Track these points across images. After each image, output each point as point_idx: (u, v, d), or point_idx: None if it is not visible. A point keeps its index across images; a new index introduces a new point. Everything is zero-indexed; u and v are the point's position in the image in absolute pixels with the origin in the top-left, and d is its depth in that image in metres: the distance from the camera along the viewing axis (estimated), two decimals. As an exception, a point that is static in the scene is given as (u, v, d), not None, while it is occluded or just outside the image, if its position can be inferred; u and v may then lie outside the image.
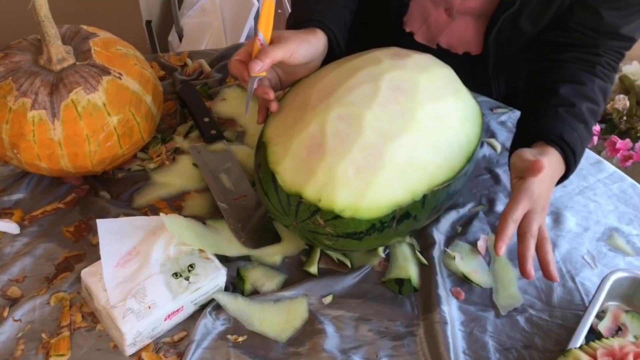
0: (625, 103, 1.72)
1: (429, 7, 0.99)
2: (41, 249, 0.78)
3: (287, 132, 0.72)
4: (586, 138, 0.83)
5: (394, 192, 0.69)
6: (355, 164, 0.68)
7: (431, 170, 0.72)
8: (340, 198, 0.68)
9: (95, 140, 0.77)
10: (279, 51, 0.75)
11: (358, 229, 0.70)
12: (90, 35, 0.82)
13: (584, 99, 0.84)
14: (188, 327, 0.72)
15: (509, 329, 0.75)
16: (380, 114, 0.70)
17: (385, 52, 0.79)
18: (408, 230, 0.74)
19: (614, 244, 0.86)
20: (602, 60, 0.88)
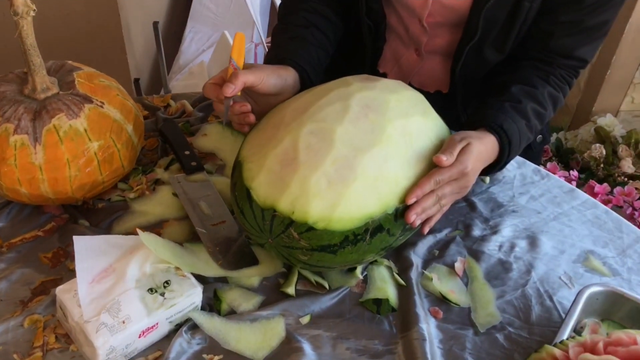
0: (601, 151, 1.77)
1: (400, 48, 1.05)
2: (18, 274, 0.78)
3: (262, 149, 0.74)
4: (525, 133, 0.89)
5: (366, 204, 0.71)
6: (327, 176, 0.70)
7: (402, 184, 0.73)
8: (313, 209, 0.69)
9: (76, 165, 0.79)
10: (250, 76, 0.79)
11: (332, 241, 0.71)
12: (74, 68, 0.86)
13: (532, 100, 0.90)
14: (163, 347, 0.71)
15: (488, 346, 0.75)
16: (350, 129, 0.73)
17: (355, 77, 0.82)
18: (382, 245, 0.75)
19: (590, 265, 0.87)
20: (556, 72, 0.94)
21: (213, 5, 2.46)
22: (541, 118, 0.92)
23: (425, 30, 0.99)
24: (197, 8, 2.46)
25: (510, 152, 0.87)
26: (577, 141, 1.92)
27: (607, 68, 1.92)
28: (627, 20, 1.82)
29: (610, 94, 1.96)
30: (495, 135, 0.85)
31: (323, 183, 0.70)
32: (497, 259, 0.86)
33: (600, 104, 1.97)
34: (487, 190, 0.98)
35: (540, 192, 0.99)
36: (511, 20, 0.92)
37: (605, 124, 1.88)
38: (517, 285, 0.83)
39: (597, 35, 0.94)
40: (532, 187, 1.00)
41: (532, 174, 1.03)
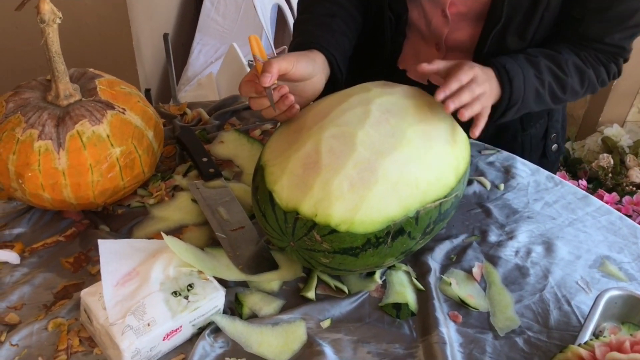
0: (609, 161, 1.78)
1: (420, 45, 1.06)
2: (40, 279, 0.78)
3: (284, 153, 0.75)
4: (532, 82, 0.90)
5: (388, 207, 0.71)
6: (349, 179, 0.71)
7: (423, 187, 0.74)
8: (336, 212, 0.70)
9: (98, 170, 0.80)
10: (283, 62, 0.78)
11: (354, 244, 0.71)
12: (96, 76, 0.87)
13: (550, 60, 0.92)
14: (186, 351, 0.71)
15: (508, 350, 0.75)
16: (371, 132, 0.74)
17: (374, 83, 0.83)
18: (403, 248, 0.76)
19: (607, 270, 0.88)
20: (590, 52, 0.95)
21: (220, 17, 2.49)
22: (560, 82, 0.93)
23: (447, 22, 1.00)
24: (205, 20, 2.49)
25: (512, 93, 0.88)
26: (584, 151, 1.93)
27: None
28: (633, 31, 1.83)
29: (616, 105, 1.98)
30: (494, 70, 0.87)
31: (345, 186, 0.71)
32: (514, 264, 0.87)
33: (606, 115, 1.99)
34: (502, 197, 0.99)
35: (554, 199, 1.00)
36: (534, 6, 0.93)
37: (612, 134, 1.89)
38: (535, 290, 0.83)
39: (629, 23, 0.94)
40: (546, 193, 1.01)
41: (545, 181, 1.03)
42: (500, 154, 1.08)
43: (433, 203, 0.75)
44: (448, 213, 0.80)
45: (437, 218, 0.77)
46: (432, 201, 0.75)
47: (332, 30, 0.94)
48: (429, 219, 0.76)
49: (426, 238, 0.79)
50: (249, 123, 1.10)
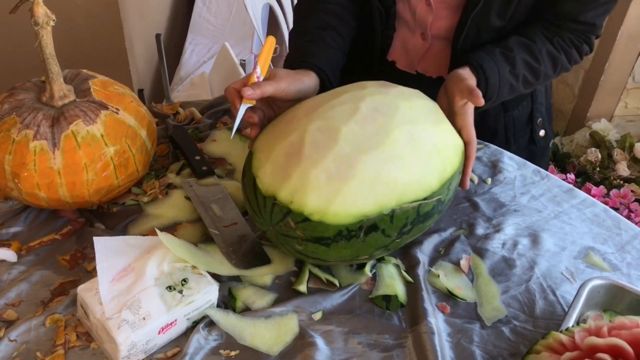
0: (597, 156, 1.81)
1: (407, 35, 1.09)
2: (37, 276, 0.80)
3: (271, 141, 0.78)
4: (507, 79, 0.95)
5: (362, 202, 0.74)
6: (327, 172, 0.73)
7: (400, 188, 0.75)
8: (310, 201, 0.73)
9: (93, 169, 0.82)
10: (269, 87, 0.82)
11: (325, 234, 0.74)
12: (89, 77, 0.88)
13: (525, 51, 0.96)
14: (181, 344, 0.73)
15: (495, 339, 0.77)
16: (356, 129, 0.76)
17: (373, 82, 0.86)
18: (377, 244, 0.77)
19: (591, 261, 0.90)
20: (563, 35, 0.99)
21: (212, 17, 2.50)
22: (534, 71, 0.97)
23: (431, 10, 1.03)
24: (197, 20, 2.50)
25: (487, 90, 0.93)
26: (573, 146, 1.95)
27: (601, 74, 1.96)
28: (619, 27, 1.86)
29: (604, 100, 2.00)
30: (473, 71, 0.92)
31: (322, 178, 0.73)
32: (500, 256, 0.89)
33: (594, 110, 2.01)
34: (489, 190, 1.01)
35: (540, 192, 1.02)
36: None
37: (600, 129, 1.92)
38: (521, 281, 0.85)
39: (601, 0, 0.98)
40: (532, 187, 1.03)
41: (532, 175, 1.06)
42: (488, 149, 1.11)
43: (411, 204, 0.76)
44: (430, 215, 0.80)
45: (416, 219, 0.78)
46: (409, 202, 0.76)
47: (325, 46, 0.97)
48: (406, 219, 0.77)
49: (405, 238, 0.80)
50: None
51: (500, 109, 1.14)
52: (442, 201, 0.81)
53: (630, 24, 1.85)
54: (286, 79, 0.85)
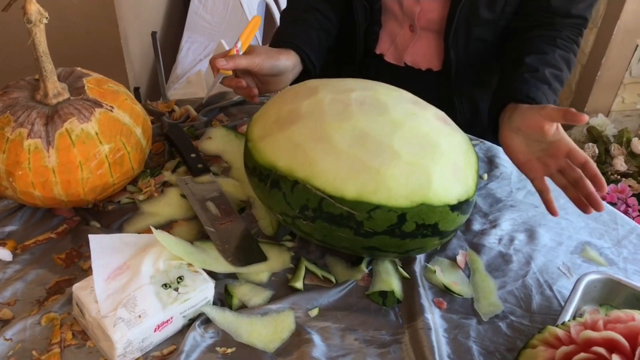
0: (594, 151, 1.81)
1: (395, 28, 1.09)
2: (33, 275, 0.80)
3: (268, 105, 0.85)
4: (550, 96, 0.92)
5: (278, 155, 0.77)
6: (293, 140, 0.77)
7: (320, 170, 0.73)
8: (255, 131, 0.82)
9: (88, 167, 0.81)
10: (243, 60, 0.89)
11: (249, 164, 0.82)
12: (84, 74, 0.88)
13: (546, 65, 0.95)
14: (177, 342, 0.73)
15: (492, 334, 0.77)
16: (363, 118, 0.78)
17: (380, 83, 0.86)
18: (280, 207, 0.78)
19: (587, 255, 0.90)
20: (562, 34, 0.99)
21: (208, 15, 2.49)
22: (560, 80, 0.97)
23: (419, 1, 1.04)
24: (193, 18, 2.49)
25: None
26: (570, 141, 1.95)
27: (598, 69, 1.96)
28: (616, 22, 1.86)
29: (601, 95, 2.00)
30: (524, 104, 0.89)
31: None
32: (497, 252, 0.89)
33: (591, 105, 2.01)
34: (486, 186, 1.01)
35: (537, 187, 1.02)
36: None
37: (597, 124, 1.91)
38: (518, 276, 0.85)
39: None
40: (528, 182, 1.02)
41: (528, 170, 1.05)
42: (484, 145, 1.11)
43: (313, 188, 0.74)
44: (337, 222, 0.74)
45: (319, 212, 0.74)
46: (313, 186, 0.74)
47: (306, 26, 1.02)
48: (306, 201, 0.75)
49: (313, 228, 0.77)
50: (236, 119, 1.12)
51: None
52: (358, 221, 0.73)
53: (627, 19, 1.85)
54: (262, 55, 0.92)
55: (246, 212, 0.92)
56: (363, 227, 0.74)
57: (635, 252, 0.91)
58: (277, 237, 0.88)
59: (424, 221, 0.74)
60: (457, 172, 0.76)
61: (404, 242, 0.76)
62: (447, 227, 0.76)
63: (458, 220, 0.77)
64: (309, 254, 0.86)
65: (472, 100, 1.14)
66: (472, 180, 0.78)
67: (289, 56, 0.96)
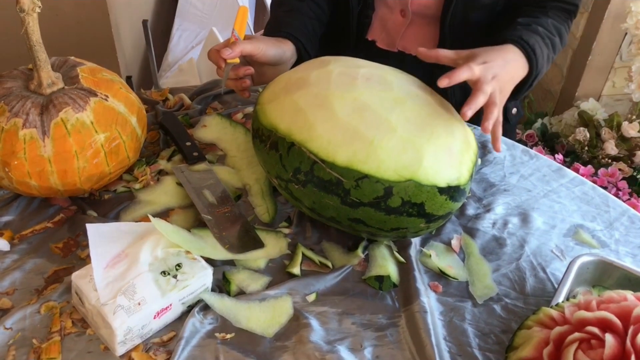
0: (585, 135, 1.82)
1: (386, 13, 1.09)
2: (31, 264, 0.80)
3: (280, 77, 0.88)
4: (544, 48, 0.93)
5: (281, 117, 0.79)
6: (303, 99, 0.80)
7: (318, 135, 0.76)
8: (264, 95, 0.85)
9: (84, 157, 0.81)
10: (248, 45, 0.89)
11: (254, 125, 0.85)
12: (77, 64, 0.88)
13: (539, 25, 0.96)
14: (177, 328, 0.74)
15: (487, 316, 0.78)
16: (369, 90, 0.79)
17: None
18: (277, 170, 0.80)
19: (580, 238, 0.91)
20: (550, 13, 1.00)
21: (199, 2, 2.48)
22: (553, 44, 0.97)
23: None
24: (184, 6, 2.47)
25: (537, 64, 0.92)
26: (561, 126, 1.96)
27: (589, 54, 1.97)
28: (606, 7, 1.86)
29: (592, 79, 2.01)
30: (516, 44, 0.90)
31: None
32: (491, 236, 0.90)
33: (582, 89, 2.02)
34: (480, 171, 1.02)
35: (529, 172, 1.03)
36: None
37: (588, 109, 1.92)
38: (512, 259, 0.87)
39: None
40: (521, 167, 1.04)
41: (521, 155, 1.07)
42: (477, 130, 1.11)
43: (307, 151, 0.76)
44: (326, 188, 0.76)
45: (310, 175, 0.77)
46: (308, 149, 0.76)
47: (301, 15, 1.02)
48: (299, 163, 0.77)
49: (302, 194, 0.79)
50: (231, 107, 1.12)
51: None
52: (345, 189, 0.75)
53: (617, 2, 1.85)
54: (265, 41, 0.92)
55: (242, 199, 0.92)
56: (350, 195, 0.75)
57: (627, 234, 0.92)
58: (274, 224, 0.89)
59: (410, 198, 0.75)
60: (451, 157, 0.77)
61: (389, 218, 0.77)
62: (434, 210, 0.77)
63: (446, 206, 0.78)
64: (305, 240, 0.87)
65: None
66: (467, 169, 0.79)
67: (287, 45, 0.96)
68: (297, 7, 1.04)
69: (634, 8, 1.67)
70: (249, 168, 0.96)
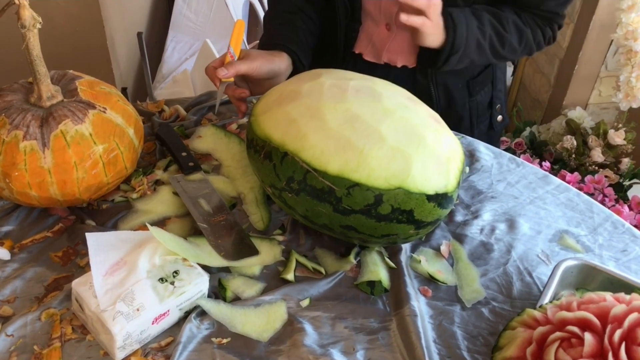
0: (572, 143, 1.86)
1: (372, 27, 1.13)
2: (31, 272, 0.82)
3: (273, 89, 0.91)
4: (474, 32, 0.99)
5: (274, 128, 0.82)
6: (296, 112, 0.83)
7: (311, 144, 0.79)
8: (258, 107, 0.88)
9: (83, 168, 0.84)
10: (243, 65, 0.93)
11: (249, 136, 0.87)
12: (76, 77, 0.90)
13: (492, 15, 1.01)
14: (174, 334, 0.76)
15: (475, 320, 0.81)
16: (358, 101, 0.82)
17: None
18: (270, 179, 0.83)
19: (565, 243, 0.94)
20: (529, 15, 1.05)
21: (193, 14, 2.51)
22: (501, 37, 1.02)
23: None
24: (178, 17, 2.51)
25: (455, 39, 0.98)
26: (549, 134, 2.00)
27: (575, 63, 2.01)
28: (591, 17, 1.91)
29: (579, 88, 2.06)
30: (443, 18, 0.96)
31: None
32: (479, 241, 0.93)
33: (570, 98, 2.07)
34: (467, 179, 1.05)
35: (516, 179, 1.06)
36: None
37: (575, 117, 1.96)
38: (499, 264, 0.89)
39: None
40: (508, 174, 1.07)
41: (508, 163, 1.10)
42: (465, 139, 1.14)
43: (300, 160, 0.78)
44: (319, 196, 0.79)
45: (303, 184, 0.79)
46: (301, 159, 0.78)
47: (295, 28, 1.05)
48: (292, 172, 0.79)
49: (297, 202, 0.81)
50: (225, 118, 1.14)
51: (466, 94, 1.20)
52: (337, 197, 0.77)
53: (603, 13, 1.90)
54: (259, 59, 0.96)
55: (237, 208, 0.95)
56: (341, 203, 0.78)
57: (610, 239, 0.95)
58: (268, 232, 0.91)
59: (399, 206, 0.78)
60: (439, 166, 0.80)
61: (379, 225, 0.79)
62: (423, 217, 0.80)
63: (435, 213, 0.80)
64: (299, 247, 0.89)
65: (446, 92, 1.18)
66: (454, 177, 0.82)
67: (282, 58, 1.00)
68: (290, 20, 1.07)
69: (624, 19, 1.70)
70: (243, 177, 0.99)
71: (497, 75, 1.23)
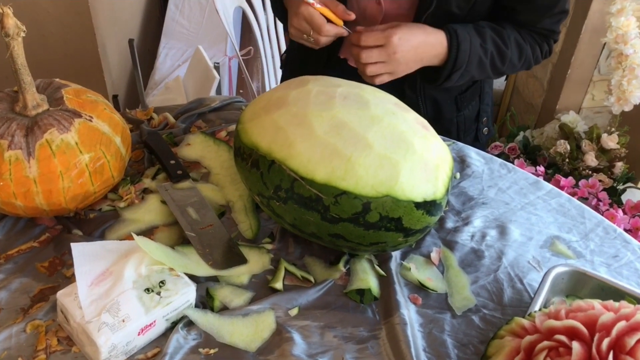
0: (566, 147, 1.86)
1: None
2: (17, 283, 0.81)
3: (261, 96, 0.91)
4: (477, 50, 1.00)
5: (262, 136, 0.81)
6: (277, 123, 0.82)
7: (297, 152, 0.78)
8: (245, 114, 0.87)
9: (69, 177, 0.83)
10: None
11: (236, 144, 0.86)
12: (62, 85, 0.90)
13: (494, 32, 1.02)
14: (161, 344, 0.75)
15: (465, 327, 0.80)
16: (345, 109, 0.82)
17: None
18: (258, 187, 0.82)
19: (557, 249, 0.94)
20: (527, 32, 1.06)
21: (185, 21, 2.51)
22: (502, 54, 1.02)
23: (381, 9, 1.08)
24: (170, 24, 2.50)
25: (458, 56, 0.98)
26: (543, 138, 2.00)
27: (568, 68, 2.01)
28: (583, 22, 1.91)
29: (572, 93, 2.06)
30: (446, 33, 0.97)
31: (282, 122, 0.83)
32: (470, 248, 0.92)
33: (563, 102, 2.07)
34: (458, 185, 1.05)
35: (507, 185, 1.05)
36: None
37: (569, 121, 1.96)
38: (490, 271, 0.89)
39: (555, 10, 1.05)
40: (499, 180, 1.07)
41: (499, 168, 1.09)
42: (456, 145, 1.14)
43: (288, 169, 0.78)
44: (307, 204, 0.78)
45: (290, 192, 0.79)
46: (289, 167, 0.78)
47: None
48: (280, 181, 0.79)
49: (284, 210, 0.81)
50: (214, 125, 1.14)
51: (454, 108, 1.20)
52: (325, 205, 0.77)
53: (594, 17, 1.90)
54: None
55: (226, 216, 0.94)
56: (329, 211, 0.77)
57: (602, 245, 0.95)
58: (257, 240, 0.91)
59: (387, 213, 0.77)
60: (427, 173, 0.79)
61: (368, 233, 0.79)
62: (412, 224, 0.79)
63: (423, 220, 0.80)
64: (288, 256, 0.89)
65: (434, 104, 1.18)
66: (443, 184, 0.81)
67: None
68: None
69: (614, 23, 1.71)
70: (232, 185, 0.98)
71: (485, 90, 1.24)
